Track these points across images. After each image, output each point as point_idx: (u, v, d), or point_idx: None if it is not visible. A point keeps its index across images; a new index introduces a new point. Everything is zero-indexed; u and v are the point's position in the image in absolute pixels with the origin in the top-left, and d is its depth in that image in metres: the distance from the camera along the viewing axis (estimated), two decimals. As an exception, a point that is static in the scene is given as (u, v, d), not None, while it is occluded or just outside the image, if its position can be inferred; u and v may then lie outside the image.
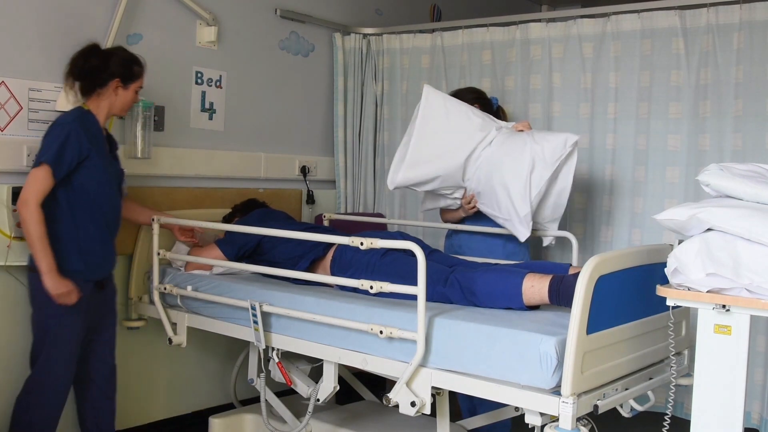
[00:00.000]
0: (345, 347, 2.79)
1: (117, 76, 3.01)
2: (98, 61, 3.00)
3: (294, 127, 4.36)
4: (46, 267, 2.84)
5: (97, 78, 2.99)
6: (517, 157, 3.13)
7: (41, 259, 2.84)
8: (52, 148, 2.85)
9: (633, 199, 3.63)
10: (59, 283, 2.87)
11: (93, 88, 3.01)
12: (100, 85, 3.00)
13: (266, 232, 3.06)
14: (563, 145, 3.11)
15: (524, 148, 3.12)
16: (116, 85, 3.01)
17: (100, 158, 2.99)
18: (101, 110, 3.03)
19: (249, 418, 3.54)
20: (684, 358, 2.83)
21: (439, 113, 3.25)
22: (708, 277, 2.04)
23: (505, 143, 3.20)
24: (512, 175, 3.13)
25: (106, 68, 2.99)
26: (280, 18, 4.23)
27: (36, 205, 2.83)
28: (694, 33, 3.45)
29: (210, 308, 3.25)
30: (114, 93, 3.02)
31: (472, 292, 2.72)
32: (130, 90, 3.06)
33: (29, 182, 2.85)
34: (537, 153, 3.10)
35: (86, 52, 3.01)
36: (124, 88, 3.03)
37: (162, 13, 3.66)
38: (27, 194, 2.84)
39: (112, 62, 3.00)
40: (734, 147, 3.37)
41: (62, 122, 2.93)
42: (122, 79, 3.02)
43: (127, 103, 3.08)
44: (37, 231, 2.84)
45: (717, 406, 2.07)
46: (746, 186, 2.12)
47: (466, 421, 3.25)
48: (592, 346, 2.26)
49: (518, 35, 3.94)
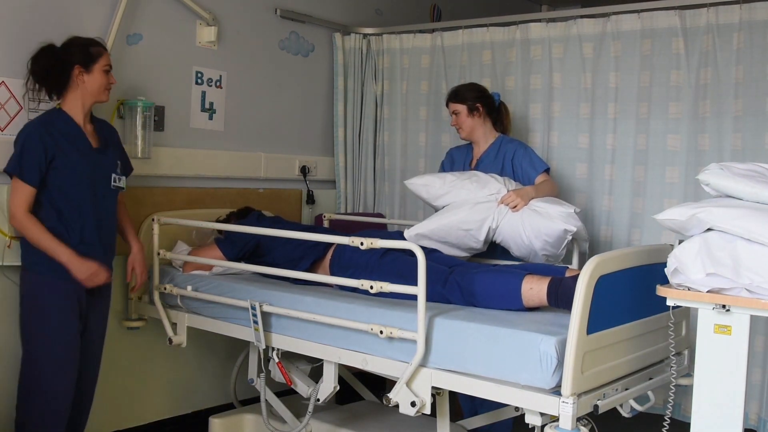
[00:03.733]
0: (345, 347, 2.79)
1: (75, 62, 2.91)
2: (50, 59, 2.91)
3: (294, 127, 4.36)
4: (65, 258, 2.85)
5: (57, 74, 2.92)
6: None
7: (56, 254, 2.85)
8: (14, 158, 2.87)
9: (633, 198, 3.63)
10: (83, 266, 2.88)
11: (60, 86, 2.94)
12: (64, 80, 2.92)
13: (267, 232, 3.07)
14: (563, 237, 3.19)
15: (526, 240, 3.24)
16: (78, 72, 2.92)
17: (75, 156, 2.92)
18: (75, 105, 2.95)
19: (249, 418, 3.54)
20: (684, 358, 2.83)
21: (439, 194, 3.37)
22: (708, 277, 2.04)
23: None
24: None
25: (59, 62, 2.91)
26: (280, 18, 4.23)
27: (23, 215, 2.85)
28: (694, 33, 3.45)
29: (210, 308, 3.25)
30: (80, 81, 2.93)
31: (472, 293, 2.72)
32: (95, 72, 2.94)
33: (11, 195, 2.89)
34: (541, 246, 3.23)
35: (38, 54, 2.94)
36: (88, 72, 2.93)
37: (162, 13, 3.66)
38: (12, 208, 2.87)
39: (65, 53, 2.92)
40: (734, 147, 3.37)
41: (23, 128, 2.92)
42: (82, 64, 2.92)
43: (98, 86, 2.96)
44: (36, 234, 2.85)
45: (717, 406, 2.07)
46: (746, 185, 2.12)
47: (466, 421, 3.25)
48: (592, 346, 2.26)
49: (518, 35, 3.94)
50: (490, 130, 3.61)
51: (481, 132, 3.59)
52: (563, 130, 3.82)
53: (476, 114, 3.56)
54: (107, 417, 3.44)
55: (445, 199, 3.35)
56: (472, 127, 3.58)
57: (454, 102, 3.59)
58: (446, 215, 3.28)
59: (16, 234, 3.06)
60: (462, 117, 3.58)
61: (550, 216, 3.18)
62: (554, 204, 3.24)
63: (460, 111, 3.58)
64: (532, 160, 3.49)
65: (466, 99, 3.57)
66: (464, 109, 3.57)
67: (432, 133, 4.30)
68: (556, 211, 3.20)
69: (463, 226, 3.25)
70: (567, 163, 3.81)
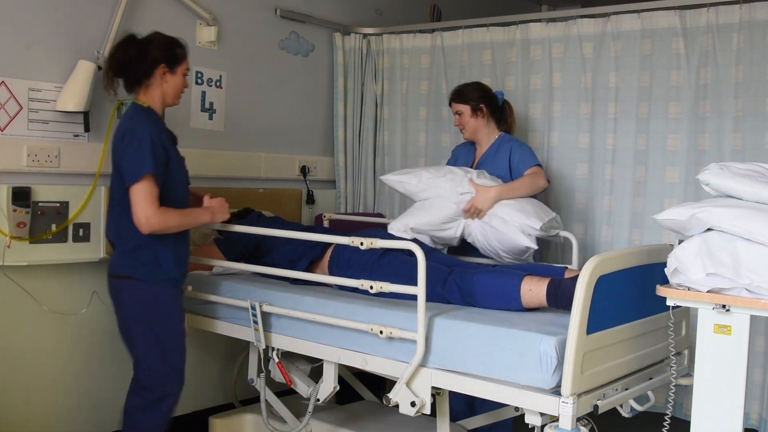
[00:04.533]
0: (345, 347, 2.79)
1: (161, 61, 2.82)
2: (137, 50, 2.81)
3: (294, 127, 4.36)
4: (207, 217, 2.95)
5: (141, 68, 2.82)
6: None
7: (200, 220, 2.93)
8: (146, 158, 2.69)
9: (633, 198, 3.63)
10: (222, 209, 3.01)
11: (139, 80, 2.84)
12: (146, 75, 2.83)
13: (267, 232, 3.06)
14: (525, 250, 3.24)
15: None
16: (163, 72, 2.84)
17: (178, 157, 2.89)
18: (156, 103, 2.87)
19: (249, 418, 3.53)
20: (684, 358, 2.82)
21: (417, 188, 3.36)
22: (708, 277, 2.04)
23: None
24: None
25: (146, 56, 2.81)
26: (280, 18, 4.23)
27: (156, 212, 2.69)
28: (694, 33, 3.45)
29: (210, 308, 3.25)
30: (163, 81, 2.85)
31: (471, 294, 2.72)
32: (178, 74, 2.88)
33: (137, 203, 2.68)
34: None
35: (123, 43, 2.84)
36: (171, 73, 2.86)
37: (162, 13, 3.66)
38: (139, 216, 2.68)
39: (152, 48, 2.82)
40: (734, 147, 3.37)
41: (136, 128, 2.76)
42: (167, 64, 2.84)
43: (178, 88, 2.91)
44: (177, 220, 2.79)
45: (717, 406, 2.07)
46: (746, 185, 2.12)
47: (466, 421, 3.25)
48: (592, 346, 2.26)
49: (518, 35, 3.94)
50: (493, 130, 3.60)
51: (485, 133, 3.58)
52: (563, 130, 3.82)
53: (480, 114, 3.54)
54: (107, 416, 3.44)
55: (421, 195, 3.35)
56: (475, 128, 3.57)
57: (458, 102, 3.57)
58: (427, 212, 3.30)
59: (16, 234, 3.06)
60: (465, 117, 3.56)
61: (511, 228, 3.19)
62: (520, 213, 3.20)
63: (463, 111, 3.56)
64: (522, 155, 3.48)
65: (470, 99, 3.54)
66: (468, 110, 3.54)
67: (432, 133, 4.30)
68: (519, 221, 3.18)
69: (439, 223, 3.29)
70: (567, 163, 3.81)
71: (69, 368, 3.39)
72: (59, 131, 3.27)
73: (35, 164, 3.18)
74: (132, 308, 2.84)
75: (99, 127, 3.37)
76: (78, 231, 3.28)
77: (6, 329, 3.17)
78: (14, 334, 3.19)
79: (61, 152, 3.26)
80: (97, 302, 3.38)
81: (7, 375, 3.18)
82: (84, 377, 3.43)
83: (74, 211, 3.26)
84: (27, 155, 3.15)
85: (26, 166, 3.15)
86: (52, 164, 3.23)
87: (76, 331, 3.39)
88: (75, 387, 3.41)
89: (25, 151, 3.15)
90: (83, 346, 3.42)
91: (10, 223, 3.06)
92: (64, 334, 3.35)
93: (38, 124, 3.21)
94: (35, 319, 3.25)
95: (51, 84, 3.24)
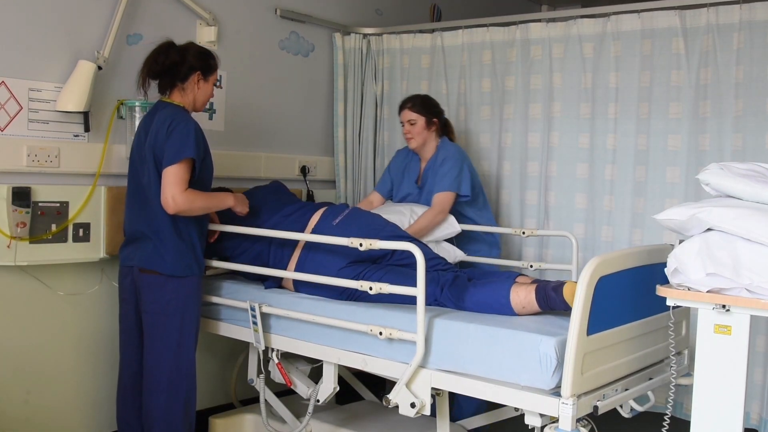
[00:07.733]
0: (345, 348, 2.79)
1: (197, 69, 3.02)
2: (177, 56, 3.00)
3: (294, 127, 4.36)
4: (231, 201, 3.07)
5: (178, 72, 3.00)
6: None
7: (222, 203, 3.04)
8: (189, 143, 2.84)
9: (634, 199, 3.63)
10: (244, 201, 3.15)
11: (174, 83, 3.01)
12: (182, 79, 3.01)
13: (268, 233, 3.05)
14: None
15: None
16: (198, 78, 3.03)
17: (210, 153, 3.02)
18: (188, 106, 3.05)
19: (249, 418, 3.54)
20: (684, 358, 2.82)
21: None
22: (708, 277, 2.03)
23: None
24: None
25: (185, 62, 3.00)
26: (280, 18, 4.22)
27: (182, 193, 2.81)
28: (694, 33, 3.45)
29: (210, 309, 3.25)
30: (196, 87, 3.03)
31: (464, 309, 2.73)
32: (210, 83, 3.08)
33: (166, 184, 2.82)
34: None
35: (164, 48, 3.01)
36: (205, 81, 3.05)
37: (162, 13, 3.65)
38: (166, 195, 2.81)
39: (190, 56, 3.02)
40: (734, 147, 3.37)
41: (181, 119, 2.91)
42: (202, 72, 3.03)
43: (207, 96, 3.10)
44: (203, 201, 2.91)
45: (717, 406, 2.07)
46: (746, 185, 2.12)
47: (466, 421, 3.25)
48: (593, 347, 2.26)
49: (518, 35, 3.94)
50: (434, 141, 3.69)
51: (431, 147, 3.68)
52: (564, 130, 3.82)
53: (432, 128, 3.64)
54: (107, 416, 3.44)
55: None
56: (425, 140, 3.66)
57: (414, 111, 3.63)
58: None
59: (16, 234, 3.06)
60: (418, 128, 3.62)
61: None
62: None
63: (417, 121, 3.62)
64: (442, 176, 3.55)
65: (427, 111, 3.63)
66: (423, 121, 3.62)
67: (432, 133, 4.29)
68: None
69: None
70: (568, 163, 3.80)
71: (69, 368, 3.38)
72: (59, 131, 3.27)
73: (35, 164, 3.18)
74: (160, 302, 2.95)
75: (99, 127, 3.37)
76: (78, 231, 3.28)
77: (6, 329, 3.17)
78: (14, 335, 3.19)
79: (61, 152, 3.26)
80: (98, 302, 3.38)
81: (7, 375, 3.18)
82: (84, 377, 3.43)
83: (74, 211, 3.26)
84: (27, 155, 3.15)
85: (26, 166, 3.15)
86: (52, 164, 3.23)
87: (77, 331, 3.38)
88: (74, 387, 3.40)
89: (25, 151, 3.15)
90: (83, 346, 3.42)
91: (10, 223, 3.06)
92: (65, 334, 3.35)
93: (38, 124, 3.21)
94: (35, 319, 3.25)
95: (51, 84, 3.24)
